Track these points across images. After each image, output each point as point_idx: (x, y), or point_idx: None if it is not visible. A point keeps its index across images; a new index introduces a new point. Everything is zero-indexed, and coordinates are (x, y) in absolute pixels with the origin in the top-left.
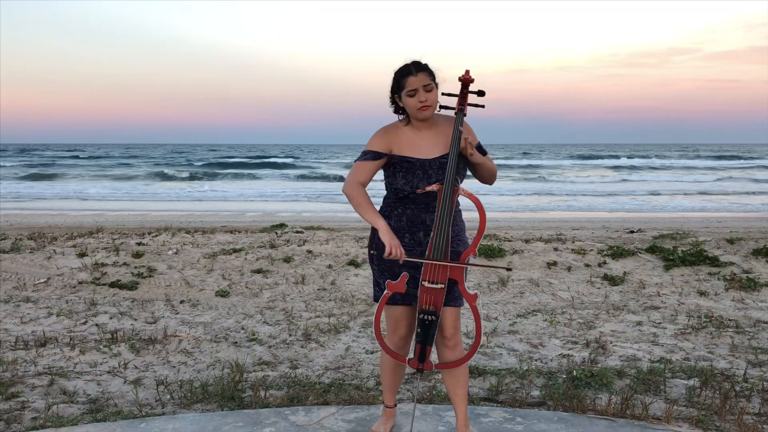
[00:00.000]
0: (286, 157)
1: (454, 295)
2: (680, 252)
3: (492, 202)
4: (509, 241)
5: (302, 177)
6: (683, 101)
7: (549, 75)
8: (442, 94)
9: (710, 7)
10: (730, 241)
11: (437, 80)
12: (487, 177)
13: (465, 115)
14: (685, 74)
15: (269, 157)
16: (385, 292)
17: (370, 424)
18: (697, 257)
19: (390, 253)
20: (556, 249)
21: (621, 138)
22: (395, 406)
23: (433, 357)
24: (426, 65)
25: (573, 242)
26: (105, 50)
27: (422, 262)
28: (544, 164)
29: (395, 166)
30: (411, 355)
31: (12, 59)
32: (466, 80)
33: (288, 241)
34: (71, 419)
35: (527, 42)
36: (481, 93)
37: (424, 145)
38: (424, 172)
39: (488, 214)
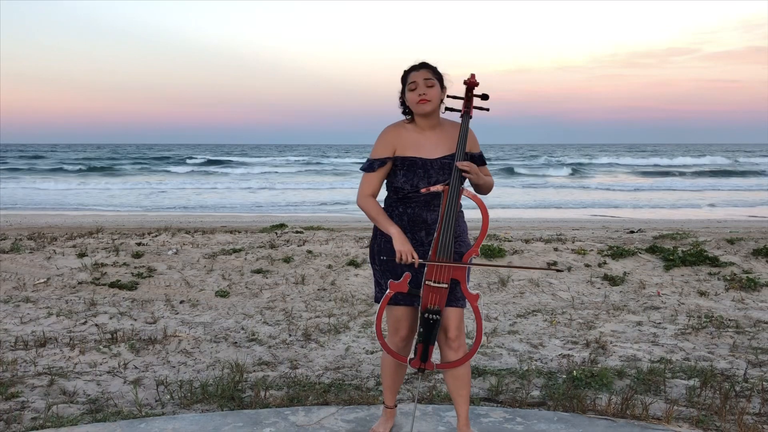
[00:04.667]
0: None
1: (456, 295)
2: (680, 252)
3: None
4: (509, 241)
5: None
6: (683, 101)
7: (549, 75)
8: (447, 96)
9: (709, 8)
10: (730, 242)
11: (444, 83)
12: (484, 191)
13: (471, 117)
14: (684, 74)
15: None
16: (387, 291)
17: (370, 424)
18: (697, 257)
19: (401, 259)
20: (556, 249)
21: (621, 138)
22: (395, 406)
23: (435, 358)
24: (431, 65)
25: (573, 242)
26: (106, 50)
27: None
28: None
29: (397, 165)
30: (412, 355)
31: (12, 59)
32: (471, 83)
33: (288, 241)
34: (71, 419)
35: (527, 42)
36: (485, 96)
37: (427, 145)
38: (425, 171)
39: (501, 214)
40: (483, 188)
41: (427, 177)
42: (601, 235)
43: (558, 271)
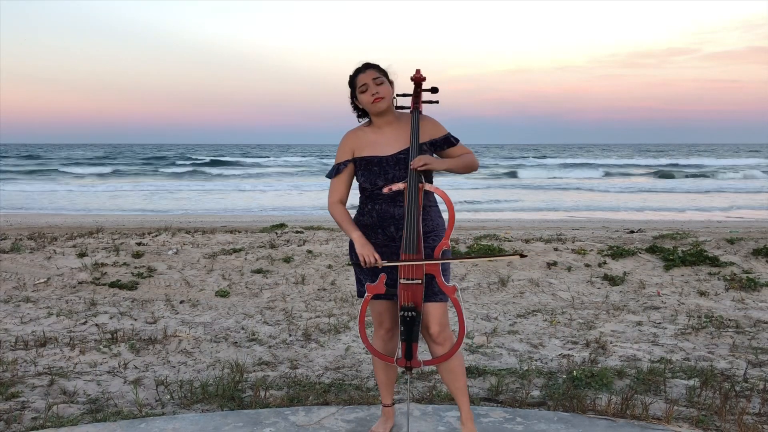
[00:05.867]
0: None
1: (433, 290)
2: (680, 252)
3: None
4: (509, 241)
5: None
6: (683, 101)
7: (548, 75)
8: (398, 95)
9: (709, 8)
10: (730, 241)
11: (390, 78)
12: (463, 173)
13: (420, 112)
14: (684, 74)
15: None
16: (366, 295)
17: (370, 424)
18: (697, 257)
19: (364, 262)
20: (556, 249)
21: (621, 138)
22: (393, 405)
23: (427, 356)
24: (373, 63)
25: (573, 242)
26: (106, 50)
27: (399, 263)
28: None
29: (357, 166)
30: (399, 354)
31: (12, 59)
32: (417, 79)
33: (288, 241)
34: (71, 419)
35: (527, 42)
36: (434, 90)
37: (383, 143)
38: (381, 168)
39: (501, 215)
40: (460, 170)
41: (384, 174)
42: (601, 235)
43: (523, 256)
